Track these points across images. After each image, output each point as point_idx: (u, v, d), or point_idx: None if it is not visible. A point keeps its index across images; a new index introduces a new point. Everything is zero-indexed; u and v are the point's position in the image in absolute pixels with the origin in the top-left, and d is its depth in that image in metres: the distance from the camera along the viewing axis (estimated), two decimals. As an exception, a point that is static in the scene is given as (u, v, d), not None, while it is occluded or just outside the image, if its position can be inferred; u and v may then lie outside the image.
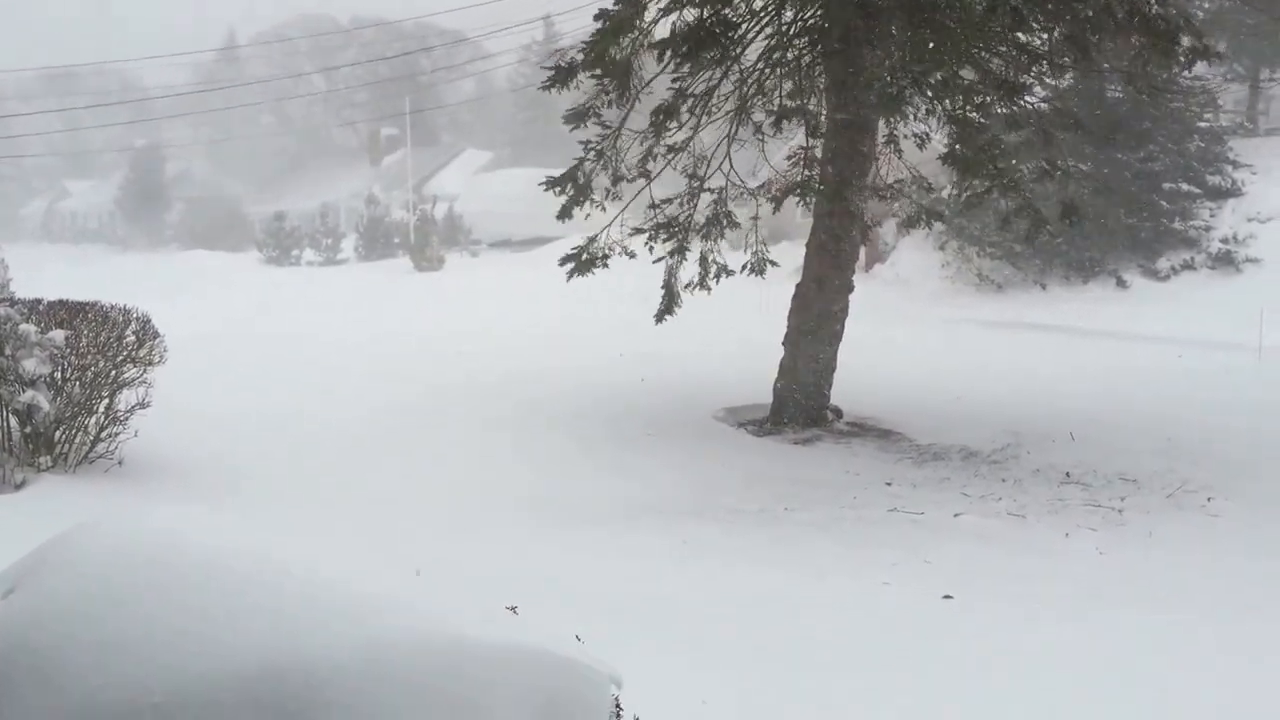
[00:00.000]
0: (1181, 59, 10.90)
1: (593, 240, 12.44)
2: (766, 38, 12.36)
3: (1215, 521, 8.67)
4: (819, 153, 12.74)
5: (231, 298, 28.87)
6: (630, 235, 12.32)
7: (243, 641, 2.41)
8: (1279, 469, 10.36)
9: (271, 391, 13.06)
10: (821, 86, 12.53)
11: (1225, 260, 23.76)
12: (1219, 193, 25.25)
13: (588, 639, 4.63)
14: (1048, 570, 7.45)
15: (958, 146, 12.20)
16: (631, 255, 12.34)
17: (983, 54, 11.72)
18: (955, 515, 8.87)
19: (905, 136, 13.01)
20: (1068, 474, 10.26)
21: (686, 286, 12.82)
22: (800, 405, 12.31)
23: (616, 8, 11.24)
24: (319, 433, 11.29)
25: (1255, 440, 11.45)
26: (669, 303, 12.69)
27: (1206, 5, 27.63)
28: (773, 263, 13.51)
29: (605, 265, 12.38)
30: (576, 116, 11.67)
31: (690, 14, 11.58)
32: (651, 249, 12.51)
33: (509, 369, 15.30)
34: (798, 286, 12.57)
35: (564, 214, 12.29)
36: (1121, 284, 24.43)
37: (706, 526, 8.62)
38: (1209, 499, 9.27)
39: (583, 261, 12.39)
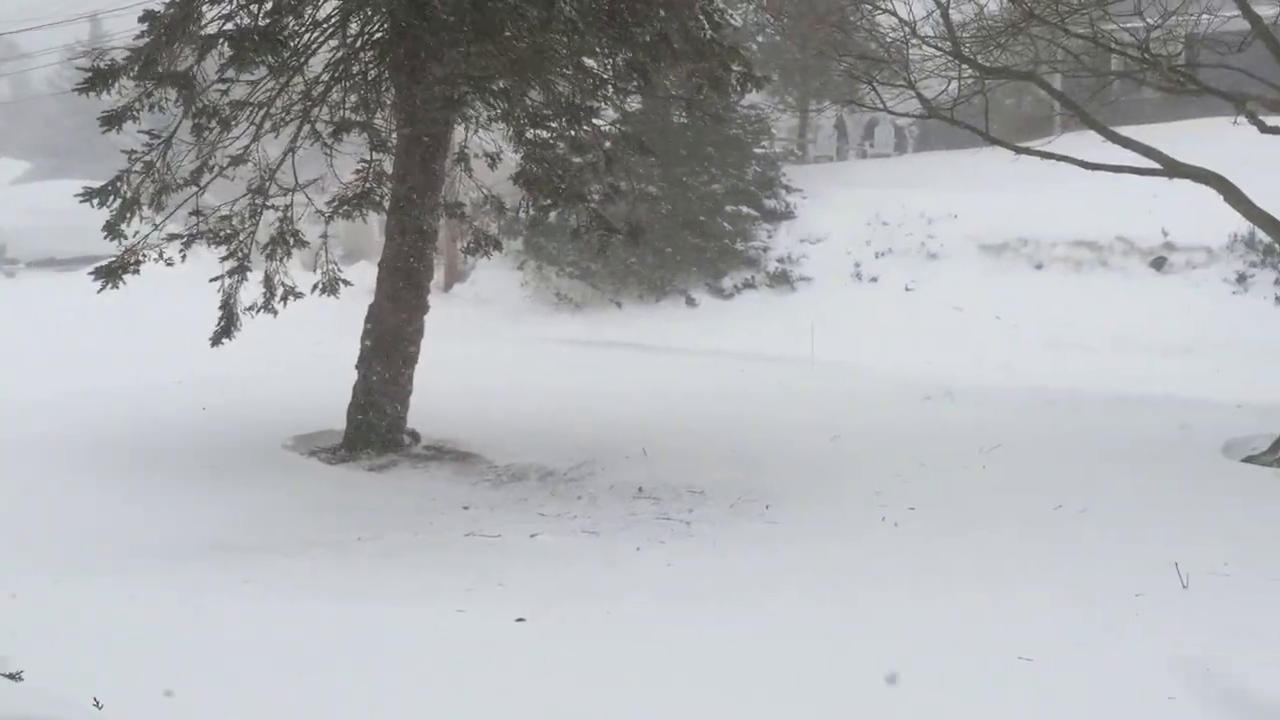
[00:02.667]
0: (734, 87, 11.46)
1: (130, 250, 11.45)
2: (331, 49, 11.96)
3: (773, 528, 9.12)
4: (389, 168, 12.48)
5: None
6: (167, 240, 11.49)
7: None
8: (829, 475, 11.08)
9: None
10: (389, 101, 12.27)
11: (781, 279, 25.44)
12: (775, 215, 27.04)
13: (122, 697, 4.15)
14: (618, 584, 7.55)
15: (530, 166, 12.29)
16: (170, 263, 11.54)
17: (549, 77, 11.83)
18: (532, 536, 8.85)
19: (476, 155, 12.97)
20: (640, 489, 10.50)
21: (249, 308, 12.15)
22: (375, 430, 11.95)
23: (168, 11, 10.49)
24: None
25: (808, 448, 12.20)
26: (227, 324, 11.97)
27: (760, 39, 29.65)
28: (346, 282, 13.09)
29: (137, 272, 11.44)
30: (113, 119, 10.75)
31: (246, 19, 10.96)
32: (185, 256, 11.74)
33: (41, 396, 13.96)
34: (371, 307, 12.23)
35: (111, 230, 11.25)
36: (691, 302, 25.62)
37: (273, 562, 8.14)
38: (767, 506, 9.75)
39: (112, 270, 11.38)
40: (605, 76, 12.09)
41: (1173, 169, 12.06)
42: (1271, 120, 11.77)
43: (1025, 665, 5.72)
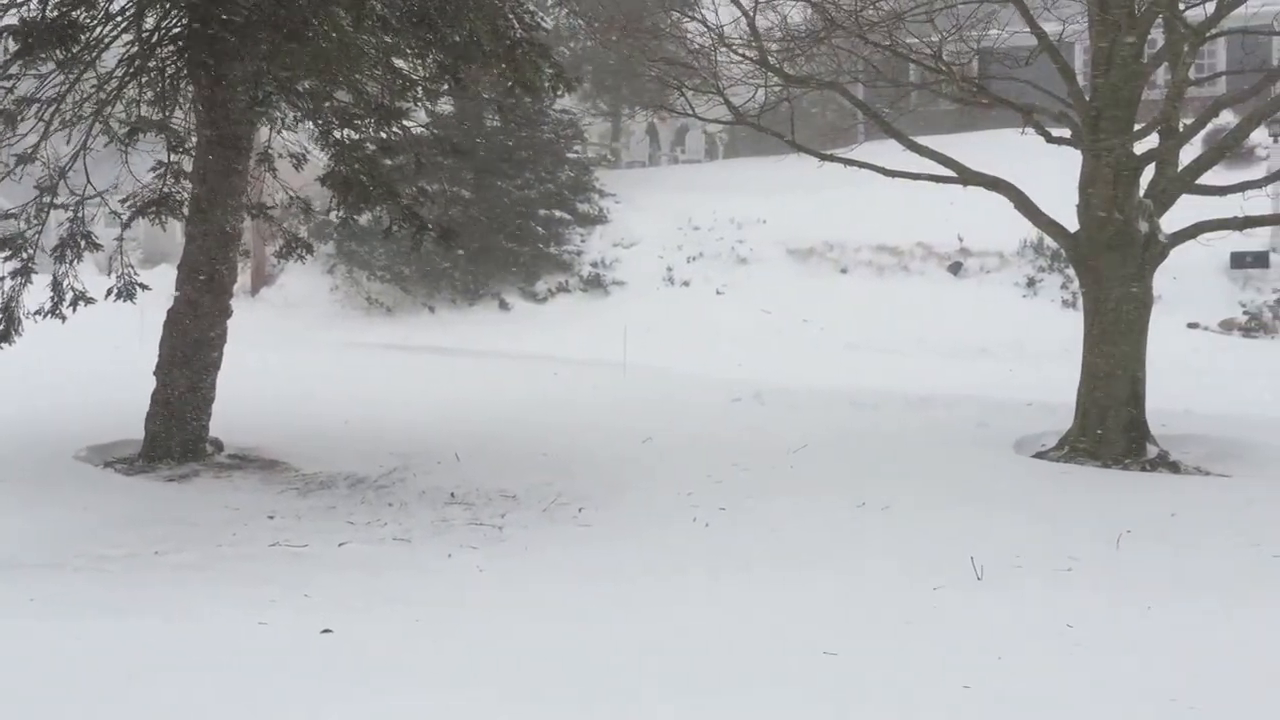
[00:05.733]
0: (545, 89, 11.44)
1: None
2: (126, 44, 11.48)
3: (585, 531, 9.16)
4: (188, 168, 12.05)
5: None
6: None
7: None
8: (641, 477, 11.16)
9: None
10: (189, 100, 11.85)
11: (595, 283, 25.61)
12: (588, 220, 27.22)
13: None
14: (429, 591, 7.45)
15: (339, 167, 12.04)
16: None
17: (358, 77, 11.62)
18: (340, 545, 8.65)
19: (281, 156, 12.64)
20: (452, 494, 10.39)
21: (36, 313, 11.58)
22: (175, 439, 11.49)
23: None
24: None
25: (621, 451, 12.29)
26: (8, 328, 11.38)
27: (572, 44, 29.77)
28: (144, 286, 12.58)
29: None
30: None
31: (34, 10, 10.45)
32: None
33: None
34: (170, 312, 11.74)
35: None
36: (504, 306, 25.57)
37: (64, 579, 7.73)
38: (580, 509, 9.78)
39: None
40: (415, 77, 11.93)
41: (967, 177, 12.58)
42: (1056, 131, 12.38)
43: (830, 659, 5.87)
